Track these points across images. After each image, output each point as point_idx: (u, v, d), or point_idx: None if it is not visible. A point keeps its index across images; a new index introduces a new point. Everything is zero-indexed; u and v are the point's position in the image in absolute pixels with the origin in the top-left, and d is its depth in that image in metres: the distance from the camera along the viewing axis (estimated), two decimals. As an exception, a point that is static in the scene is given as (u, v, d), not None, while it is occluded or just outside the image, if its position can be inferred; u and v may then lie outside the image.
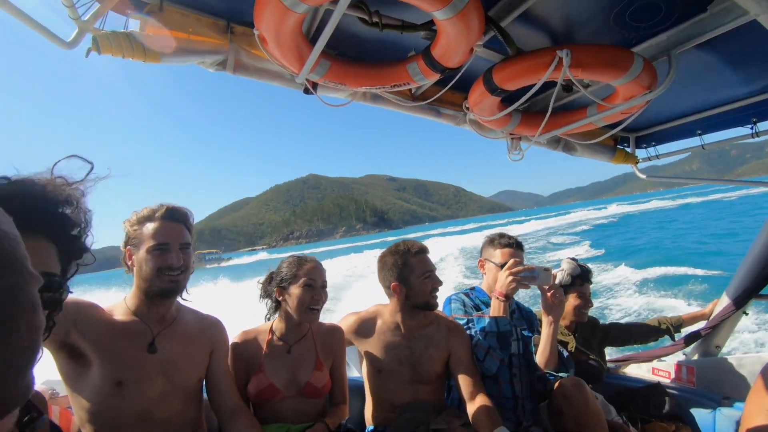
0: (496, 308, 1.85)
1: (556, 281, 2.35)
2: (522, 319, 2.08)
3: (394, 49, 1.97)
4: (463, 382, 1.82)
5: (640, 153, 3.05)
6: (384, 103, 2.35)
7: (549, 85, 1.98)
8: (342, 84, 1.95)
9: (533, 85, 1.84)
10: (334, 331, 1.82)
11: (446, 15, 1.42)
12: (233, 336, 1.73)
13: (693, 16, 1.76)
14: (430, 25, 1.64)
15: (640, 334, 2.63)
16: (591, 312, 2.45)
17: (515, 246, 2.08)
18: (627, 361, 2.85)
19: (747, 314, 2.49)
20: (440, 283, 1.83)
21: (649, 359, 2.72)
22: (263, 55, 1.76)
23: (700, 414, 2.30)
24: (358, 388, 2.05)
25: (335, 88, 2.06)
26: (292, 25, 1.49)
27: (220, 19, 1.76)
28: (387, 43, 1.97)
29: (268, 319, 1.77)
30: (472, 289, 2.14)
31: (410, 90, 2.41)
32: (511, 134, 2.63)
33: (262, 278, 1.82)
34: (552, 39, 2.00)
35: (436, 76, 1.83)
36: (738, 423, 1.98)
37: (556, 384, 1.82)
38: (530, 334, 1.99)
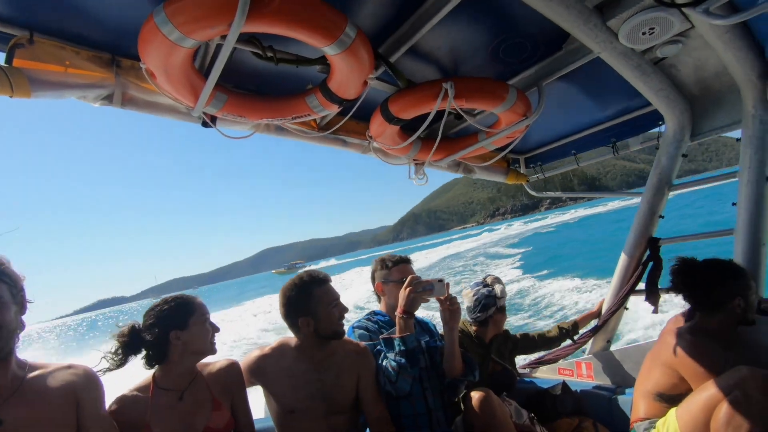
0: (402, 327, 1.88)
1: (499, 295, 2.50)
2: (423, 331, 2.15)
3: (292, 81, 2.02)
4: (369, 407, 1.84)
5: (530, 172, 3.40)
6: (288, 135, 2.38)
7: (443, 114, 2.16)
8: (241, 116, 1.94)
9: (428, 113, 1.99)
10: (229, 367, 1.71)
11: (335, 51, 1.50)
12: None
13: (552, 53, 2.05)
14: (323, 60, 1.71)
15: (544, 341, 2.86)
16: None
17: (406, 261, 2.19)
18: (537, 365, 3.07)
19: (627, 309, 2.84)
20: (347, 310, 1.84)
21: (555, 360, 2.96)
22: (155, 88, 1.71)
23: (598, 405, 2.54)
24: (266, 430, 1.96)
25: (235, 121, 2.05)
26: (181, 60, 1.47)
27: (104, 52, 1.68)
28: (284, 76, 2.01)
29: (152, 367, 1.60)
30: (373, 313, 2.18)
31: (315, 121, 2.46)
32: (414, 160, 2.77)
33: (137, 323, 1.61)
34: (441, 71, 2.19)
35: (335, 107, 1.90)
36: (630, 408, 2.21)
37: (468, 397, 1.92)
38: (435, 344, 2.07)
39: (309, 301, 1.78)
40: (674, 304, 2.77)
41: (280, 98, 1.97)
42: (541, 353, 3.03)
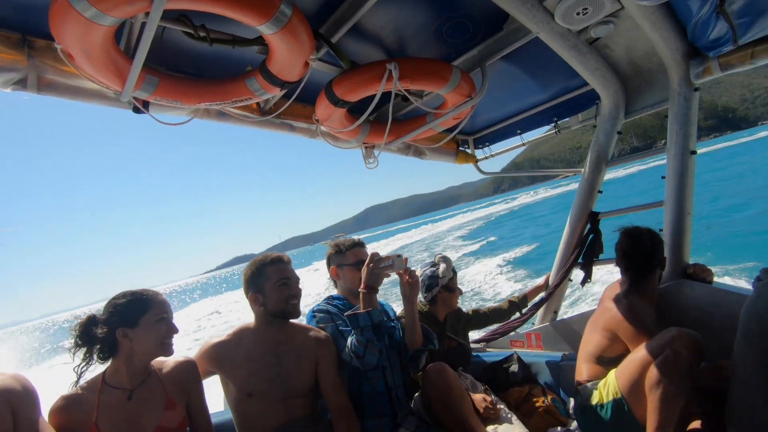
0: (366, 301, 1.92)
1: (441, 275, 2.54)
2: (382, 310, 2.19)
3: (231, 64, 1.93)
4: (331, 395, 1.85)
5: (479, 153, 3.47)
6: (230, 120, 2.28)
7: (390, 96, 2.14)
8: (177, 101, 1.83)
9: (375, 95, 1.97)
10: (185, 365, 1.67)
11: (271, 30, 1.44)
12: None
13: (493, 34, 2.07)
14: (261, 40, 1.64)
15: (497, 315, 2.98)
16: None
17: (360, 245, 2.24)
18: (491, 339, 3.19)
19: (571, 280, 3.00)
20: (299, 290, 1.86)
21: (507, 333, 3.09)
22: (76, 71, 1.57)
23: (546, 373, 2.68)
24: (224, 423, 1.94)
25: (171, 106, 1.93)
26: (101, 40, 1.35)
27: (12, 32, 1.52)
28: (222, 58, 1.92)
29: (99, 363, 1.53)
30: (331, 297, 2.19)
31: (258, 104, 2.37)
32: (364, 143, 2.75)
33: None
34: (385, 52, 2.16)
35: (277, 90, 1.84)
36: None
37: (425, 373, 1.98)
38: (393, 324, 2.12)
39: (259, 278, 1.83)
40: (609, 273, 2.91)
41: (218, 81, 1.87)
42: (495, 327, 3.15)
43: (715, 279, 2.28)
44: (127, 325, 1.50)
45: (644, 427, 1.70)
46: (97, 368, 1.54)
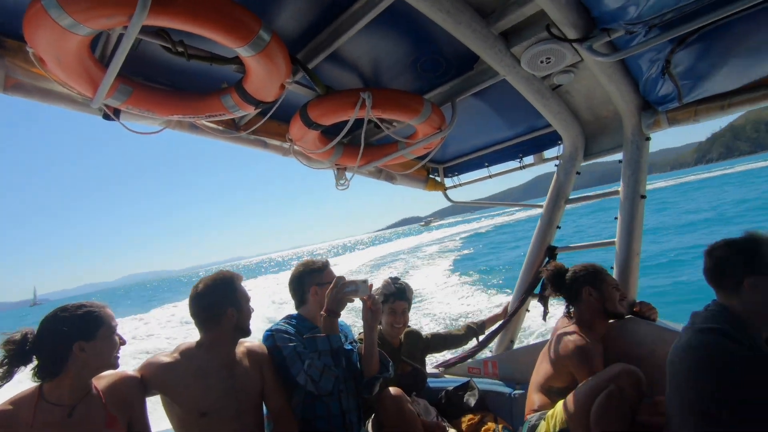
0: (327, 326, 1.93)
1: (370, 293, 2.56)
2: (339, 334, 2.19)
3: (206, 79, 1.96)
4: (273, 398, 1.88)
5: (448, 181, 3.58)
6: (203, 133, 2.29)
7: (364, 122, 2.20)
8: (149, 111, 1.84)
9: (348, 121, 2.03)
10: (127, 380, 1.61)
11: (249, 53, 1.48)
12: None
13: (464, 72, 2.19)
14: (239, 60, 1.68)
15: (455, 339, 3.03)
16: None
17: (328, 264, 2.24)
18: (449, 366, 3.23)
19: (529, 311, 3.10)
20: (253, 309, 1.90)
21: (465, 359, 3.14)
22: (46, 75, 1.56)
23: (500, 400, 2.73)
24: None
25: (143, 116, 1.93)
26: (75, 48, 1.36)
27: (-17, 31, 1.51)
28: (198, 72, 1.94)
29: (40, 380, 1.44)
30: (289, 317, 2.17)
31: (233, 120, 2.40)
32: (336, 165, 2.80)
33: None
34: (362, 80, 2.24)
35: (251, 108, 1.87)
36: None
37: (379, 398, 2.00)
38: (351, 347, 2.12)
39: (235, 293, 1.83)
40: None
41: (193, 95, 1.90)
42: (455, 354, 3.19)
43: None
44: (85, 338, 1.45)
45: None
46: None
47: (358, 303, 2.07)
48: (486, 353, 3.25)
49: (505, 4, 1.71)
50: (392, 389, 2.04)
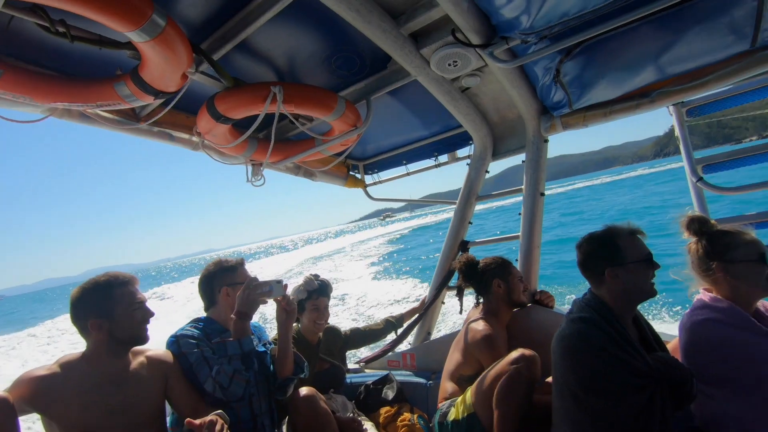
0: (238, 329, 1.85)
1: (291, 296, 2.52)
2: (253, 335, 2.13)
3: (97, 63, 1.79)
4: (182, 402, 1.75)
5: (368, 178, 3.62)
6: (96, 123, 2.09)
7: (281, 116, 2.15)
8: (25, 96, 1.64)
9: (259, 115, 1.96)
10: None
11: (143, 38, 1.38)
12: None
13: (379, 71, 2.22)
14: (132, 46, 1.55)
15: (374, 334, 3.08)
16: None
17: (243, 264, 2.13)
18: (370, 360, 3.27)
19: (444, 303, 3.25)
20: (152, 314, 1.70)
21: (385, 354, 3.21)
22: None
23: (417, 391, 2.83)
24: None
25: (19, 101, 1.71)
26: None
27: None
28: (87, 56, 1.77)
29: None
30: (197, 320, 2.06)
31: (133, 110, 2.22)
32: (251, 160, 2.71)
33: None
34: (275, 73, 2.19)
35: (150, 98, 1.75)
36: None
37: (291, 399, 1.97)
38: (263, 349, 2.06)
39: (105, 302, 1.59)
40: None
41: (81, 81, 1.72)
42: (375, 349, 3.24)
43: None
44: None
45: None
46: None
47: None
48: (406, 346, 3.35)
49: (413, 6, 1.77)
50: (305, 389, 2.02)
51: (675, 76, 2.04)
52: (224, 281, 2.06)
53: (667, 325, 6.82)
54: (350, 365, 3.28)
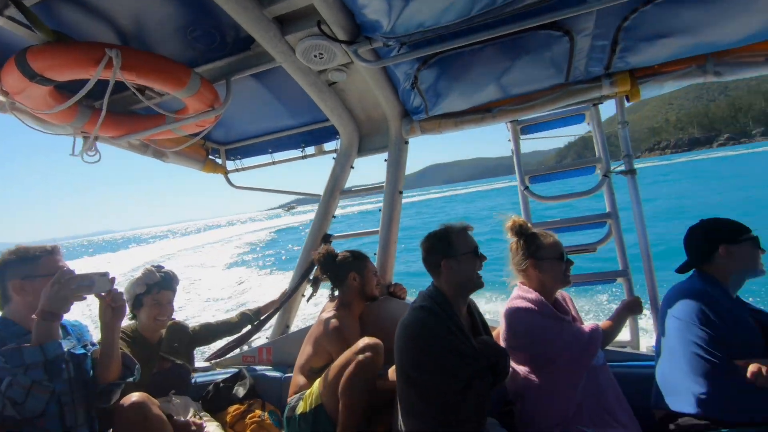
0: (43, 332, 1.55)
1: (126, 291, 2.25)
2: (70, 336, 1.84)
3: None
4: None
5: (231, 164, 3.40)
6: None
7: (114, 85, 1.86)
8: None
9: (100, 81, 1.68)
10: None
11: None
12: None
13: (241, 51, 2.09)
14: None
15: (227, 329, 2.92)
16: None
17: (54, 252, 1.79)
18: (221, 356, 3.09)
19: (304, 296, 3.23)
20: None
21: (236, 348, 3.06)
22: None
23: (272, 386, 2.76)
24: None
25: None
26: None
27: None
28: None
29: None
30: None
31: None
32: (83, 132, 2.32)
33: None
34: (115, 35, 1.91)
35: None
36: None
37: (116, 407, 1.74)
38: (83, 351, 1.79)
39: None
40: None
41: None
42: (227, 343, 3.07)
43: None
44: None
45: None
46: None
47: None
48: (263, 340, 3.24)
49: None
50: (135, 395, 1.81)
51: (512, 96, 2.35)
52: (17, 273, 1.71)
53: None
54: (200, 363, 3.06)
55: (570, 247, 2.58)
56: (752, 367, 1.55)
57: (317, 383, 2.11)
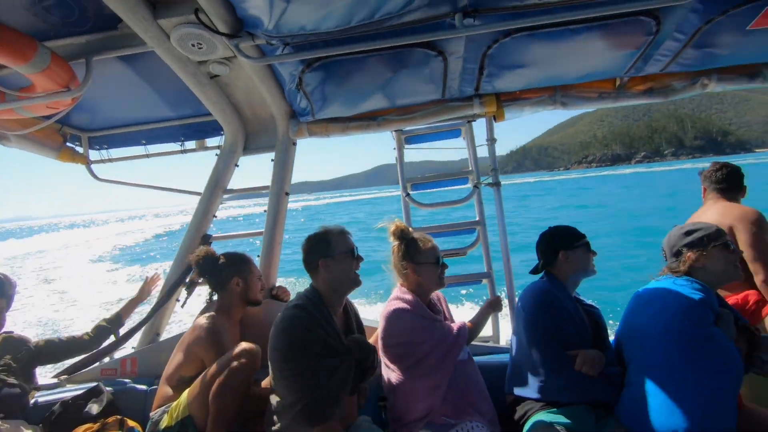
0: None
1: None
2: None
3: None
4: None
5: (95, 154, 3.04)
6: None
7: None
8: None
9: None
10: None
11: None
12: None
13: (106, 29, 1.89)
14: None
15: (77, 347, 2.55)
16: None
17: None
18: (73, 372, 2.71)
19: (179, 300, 2.99)
20: None
21: (95, 361, 2.72)
22: None
23: (135, 401, 2.49)
24: None
25: None
26: None
27: None
28: None
29: None
30: None
31: None
32: None
33: None
34: None
35: None
36: None
37: None
38: None
39: None
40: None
41: None
42: (84, 357, 2.71)
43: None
44: None
45: None
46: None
47: None
48: (128, 350, 2.93)
49: None
50: None
51: (395, 107, 2.48)
52: None
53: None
54: (46, 380, 2.66)
55: (444, 251, 2.80)
56: (579, 357, 1.84)
57: (185, 394, 1.97)
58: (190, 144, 2.97)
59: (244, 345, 1.94)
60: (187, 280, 2.84)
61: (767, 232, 2.27)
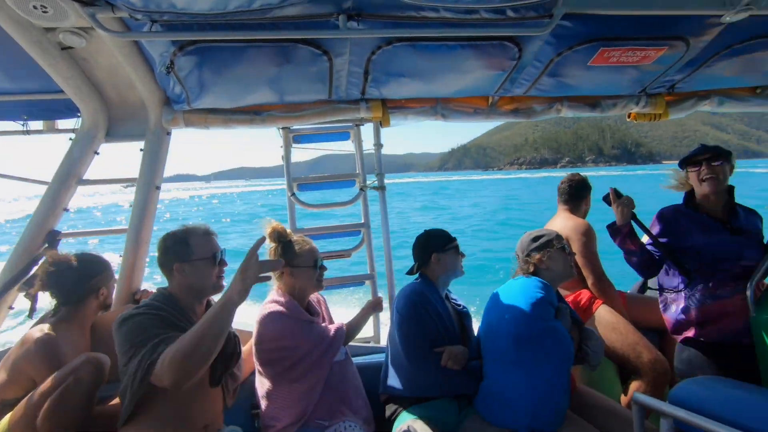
0: None
1: None
2: None
3: None
4: None
5: None
6: None
7: None
8: None
9: None
10: None
11: None
12: None
13: None
14: None
15: None
16: None
17: None
18: None
19: (13, 308, 2.52)
20: None
21: None
22: None
23: None
24: None
25: None
26: None
27: None
28: None
29: None
30: None
31: None
32: None
33: None
34: None
35: None
36: None
37: None
38: None
39: None
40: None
41: None
42: None
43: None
44: None
45: None
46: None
47: None
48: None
49: None
50: None
51: (283, 104, 2.41)
52: None
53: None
54: None
55: (328, 252, 2.79)
56: (445, 353, 1.96)
57: (6, 419, 1.66)
58: (37, 124, 2.54)
59: (85, 356, 1.69)
60: (29, 289, 2.41)
61: (592, 241, 2.66)
